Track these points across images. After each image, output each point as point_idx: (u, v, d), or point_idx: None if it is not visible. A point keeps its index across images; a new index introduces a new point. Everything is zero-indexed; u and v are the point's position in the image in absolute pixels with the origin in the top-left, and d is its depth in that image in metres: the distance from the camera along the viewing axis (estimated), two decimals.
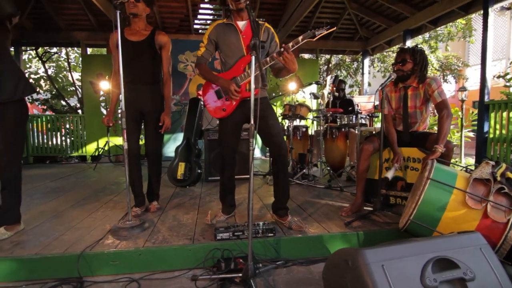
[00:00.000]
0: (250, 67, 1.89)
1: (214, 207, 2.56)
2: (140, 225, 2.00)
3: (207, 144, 3.69)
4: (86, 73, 5.87)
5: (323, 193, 3.04)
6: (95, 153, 5.89)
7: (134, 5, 2.14)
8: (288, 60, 1.79)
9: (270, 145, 2.01)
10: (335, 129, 3.68)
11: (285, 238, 1.84)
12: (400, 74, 2.17)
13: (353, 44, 6.86)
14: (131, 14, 2.18)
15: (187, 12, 5.65)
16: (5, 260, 1.62)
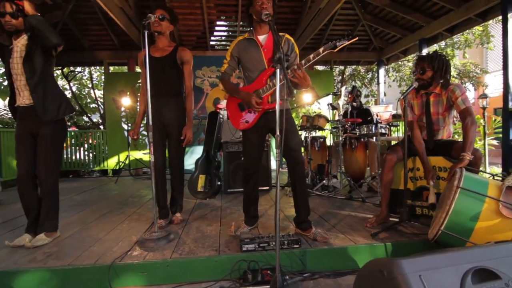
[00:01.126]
0: (272, 79, 1.97)
1: (236, 218, 2.57)
2: (166, 237, 2.03)
3: (226, 157, 3.73)
4: (108, 90, 6.13)
5: (345, 204, 3.00)
6: (116, 167, 6.05)
7: (158, 24, 2.27)
8: (300, 78, 1.83)
9: (287, 158, 2.02)
10: (354, 139, 3.65)
11: (311, 250, 1.82)
12: (421, 82, 2.16)
13: (368, 55, 6.86)
14: (156, 31, 2.31)
15: (204, 30, 5.85)
16: (39, 271, 1.68)
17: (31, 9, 1.87)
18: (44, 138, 2.00)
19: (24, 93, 2.00)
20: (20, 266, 1.72)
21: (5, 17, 1.87)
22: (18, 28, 1.93)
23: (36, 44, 1.95)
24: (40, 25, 1.87)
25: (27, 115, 2.01)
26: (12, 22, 1.89)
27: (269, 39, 2.04)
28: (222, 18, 5.90)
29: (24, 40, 1.99)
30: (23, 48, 1.97)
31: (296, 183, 2.00)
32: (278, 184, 1.52)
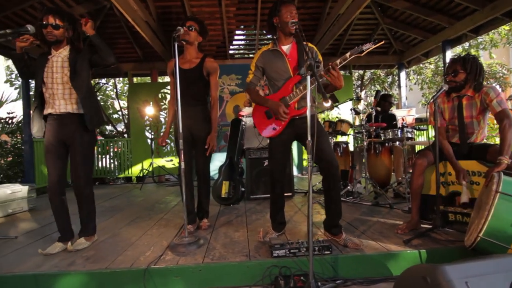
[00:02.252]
0: (298, 86, 1.99)
1: (262, 224, 2.57)
2: (196, 242, 2.07)
3: (248, 163, 3.77)
4: (132, 100, 6.36)
5: (372, 211, 2.94)
6: (140, 174, 6.24)
7: (187, 33, 2.35)
8: (335, 78, 1.83)
9: (320, 162, 2.02)
10: (378, 144, 3.59)
11: (342, 256, 1.80)
12: (453, 85, 2.11)
13: (388, 58, 6.76)
14: (184, 40, 2.38)
15: (223, 39, 5.99)
16: (79, 274, 1.75)
17: (91, 30, 1.98)
18: (81, 146, 2.07)
19: (61, 101, 2.05)
20: (60, 269, 1.80)
21: (47, 28, 1.97)
22: (58, 39, 2.02)
23: (84, 57, 2.06)
24: (101, 45, 2.01)
25: (61, 123, 2.06)
26: (54, 32, 1.98)
27: (293, 48, 2.07)
28: (241, 27, 6.01)
29: (66, 51, 2.08)
30: (65, 59, 2.06)
31: (330, 187, 1.98)
32: (311, 190, 1.51)
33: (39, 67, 2.06)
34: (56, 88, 2.04)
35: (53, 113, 2.06)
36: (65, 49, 2.09)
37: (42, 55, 2.11)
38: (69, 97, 2.06)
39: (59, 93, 2.05)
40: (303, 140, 2.10)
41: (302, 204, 3.35)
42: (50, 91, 2.05)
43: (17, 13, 4.48)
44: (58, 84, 2.05)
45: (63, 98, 2.05)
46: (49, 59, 2.07)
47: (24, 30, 1.83)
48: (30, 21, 4.72)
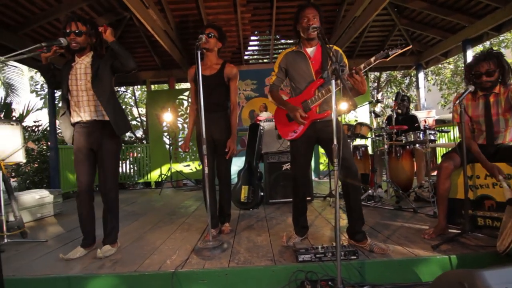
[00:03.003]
0: (320, 90, 1.99)
1: (284, 228, 2.58)
2: (220, 246, 2.09)
3: (267, 167, 3.78)
4: (151, 107, 6.52)
5: (394, 215, 2.88)
6: (159, 179, 6.36)
7: (207, 41, 2.38)
8: (358, 82, 1.81)
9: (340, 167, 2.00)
10: (399, 147, 3.53)
11: (369, 262, 1.78)
12: (489, 85, 2.05)
13: (405, 59, 6.64)
14: (204, 49, 2.42)
15: (239, 45, 6.07)
16: (109, 277, 1.81)
17: (111, 36, 2.01)
18: (109, 152, 2.11)
19: (85, 108, 2.06)
20: (91, 271, 1.86)
21: (70, 35, 2.00)
22: (81, 46, 2.04)
23: (105, 63, 2.08)
24: (121, 51, 2.02)
25: (88, 130, 2.09)
26: (77, 39, 2.00)
27: (317, 51, 2.07)
28: (256, 33, 6.08)
29: (89, 58, 2.10)
30: (88, 66, 2.07)
31: (350, 193, 1.97)
32: (337, 195, 1.51)
33: (64, 75, 2.09)
34: (81, 96, 2.07)
35: (79, 121, 2.10)
36: (88, 56, 2.12)
37: (67, 63, 2.14)
38: (94, 103, 2.07)
39: (84, 100, 2.07)
40: (324, 144, 2.10)
41: (322, 209, 3.32)
42: (75, 99, 2.08)
43: (43, 26, 4.70)
44: (83, 91, 2.07)
45: (88, 105, 2.07)
46: (73, 66, 2.10)
47: (58, 43, 1.91)
48: (55, 33, 4.94)
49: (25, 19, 4.44)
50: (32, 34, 4.73)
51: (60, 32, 2.04)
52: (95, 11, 4.82)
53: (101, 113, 2.10)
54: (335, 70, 1.49)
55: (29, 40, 4.74)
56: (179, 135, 6.53)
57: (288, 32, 5.86)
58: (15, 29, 4.46)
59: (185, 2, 4.86)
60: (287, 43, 6.70)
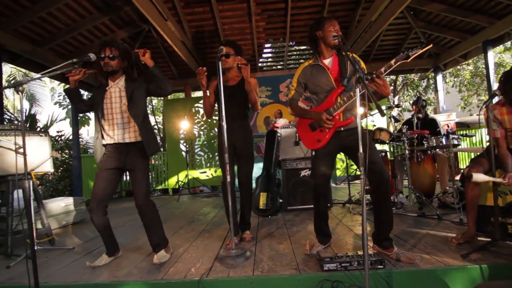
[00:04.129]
0: (342, 97, 2.00)
1: (305, 236, 2.56)
2: (243, 254, 2.10)
3: (284, 174, 3.78)
4: (168, 115, 6.66)
5: (418, 222, 2.81)
6: (176, 186, 6.46)
7: (225, 61, 2.46)
8: (380, 86, 1.80)
9: (371, 174, 1.97)
10: (420, 152, 3.45)
11: (397, 271, 1.74)
12: None
13: (422, 62, 6.54)
14: (225, 68, 2.49)
15: (253, 53, 6.14)
16: (137, 284, 1.84)
17: (150, 60, 2.08)
18: (142, 171, 2.15)
19: (119, 131, 2.12)
20: (119, 279, 1.91)
21: (104, 59, 2.10)
22: (114, 69, 2.14)
23: (140, 87, 2.15)
24: (160, 75, 2.08)
25: (120, 151, 2.14)
26: (110, 63, 2.09)
27: (334, 61, 2.08)
28: (270, 40, 6.13)
29: (122, 81, 2.17)
30: (122, 89, 2.14)
31: (381, 199, 1.93)
32: (364, 203, 1.49)
33: (99, 98, 2.15)
34: (116, 118, 2.12)
35: (111, 143, 2.14)
36: (121, 79, 2.18)
37: (100, 87, 2.21)
38: (128, 126, 2.13)
39: (118, 122, 2.12)
40: (350, 153, 2.10)
41: (342, 216, 3.28)
42: (110, 122, 2.13)
43: (68, 41, 4.92)
44: (117, 113, 2.12)
45: (122, 128, 2.12)
46: (107, 90, 2.16)
47: (87, 58, 2.00)
48: (78, 47, 5.17)
49: (50, 34, 4.66)
50: (56, 48, 4.95)
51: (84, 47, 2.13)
52: (115, 24, 5.01)
53: (133, 135, 2.15)
54: (359, 79, 1.49)
55: (54, 54, 4.97)
56: (196, 142, 6.63)
57: (303, 39, 5.89)
58: (40, 43, 4.68)
59: (201, 13, 4.98)
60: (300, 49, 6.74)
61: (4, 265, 2.31)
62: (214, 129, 6.64)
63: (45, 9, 4.04)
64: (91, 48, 5.19)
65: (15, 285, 1.96)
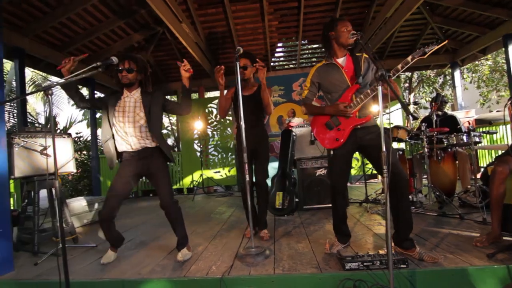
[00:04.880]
0: (357, 95, 1.99)
1: (323, 235, 2.56)
2: (263, 253, 2.12)
3: (300, 173, 3.77)
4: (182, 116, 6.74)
5: (439, 221, 2.76)
6: (190, 185, 6.54)
7: (243, 73, 2.57)
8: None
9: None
10: (440, 150, 3.38)
11: (421, 271, 1.72)
12: None
13: (439, 58, 6.39)
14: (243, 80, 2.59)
15: (266, 52, 6.14)
16: (161, 281, 1.89)
17: (187, 81, 2.18)
18: (164, 174, 2.24)
19: (133, 139, 2.17)
20: (143, 276, 1.96)
21: (123, 72, 2.18)
22: (131, 81, 2.20)
23: (157, 101, 2.23)
24: (188, 97, 2.23)
25: (139, 157, 2.19)
26: (128, 76, 2.17)
27: (348, 60, 2.10)
28: (283, 40, 6.12)
29: (137, 93, 2.24)
30: (138, 100, 2.21)
31: (399, 199, 1.91)
32: (388, 204, 1.48)
33: (111, 105, 2.21)
34: (129, 127, 2.17)
35: (128, 150, 2.20)
36: (137, 91, 2.26)
37: (113, 94, 2.29)
38: (140, 134, 2.18)
39: (130, 131, 2.17)
40: (367, 152, 2.08)
41: (360, 215, 3.25)
42: (122, 130, 2.18)
43: (85, 45, 5.06)
44: (130, 122, 2.17)
45: (135, 135, 2.18)
46: (121, 98, 2.23)
47: (110, 62, 2.06)
48: (95, 50, 5.30)
49: (69, 38, 4.80)
50: (75, 52, 5.09)
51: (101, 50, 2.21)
52: (131, 27, 5.11)
53: (149, 142, 2.21)
54: (382, 76, 1.48)
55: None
56: (209, 142, 6.70)
57: (316, 37, 5.86)
58: (60, 48, 4.83)
59: (214, 14, 5.02)
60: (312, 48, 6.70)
61: (32, 262, 2.41)
62: (227, 129, 6.68)
63: (65, 14, 4.17)
64: (108, 52, 5.32)
65: (44, 281, 2.03)
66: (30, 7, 3.91)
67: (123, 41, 5.32)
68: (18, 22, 4.06)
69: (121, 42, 5.32)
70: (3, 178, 2.30)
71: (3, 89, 2.35)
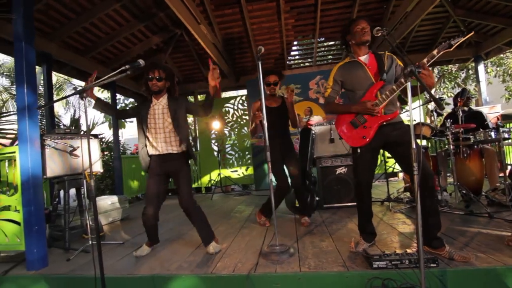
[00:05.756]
0: (382, 92, 1.97)
1: (346, 234, 2.54)
2: (287, 251, 2.13)
3: (320, 172, 3.75)
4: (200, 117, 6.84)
5: (466, 220, 2.68)
6: (208, 185, 6.62)
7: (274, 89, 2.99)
8: (426, 76, 1.78)
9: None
10: (466, 147, 3.28)
11: (452, 270, 1.68)
12: None
13: (462, 52, 6.17)
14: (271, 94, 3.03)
15: (282, 51, 6.13)
16: (189, 277, 1.94)
17: (214, 91, 2.30)
18: (185, 176, 2.39)
19: (162, 144, 2.33)
20: (171, 272, 2.02)
21: (153, 81, 2.32)
22: (160, 89, 2.34)
23: (181, 106, 2.37)
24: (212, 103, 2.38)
25: (164, 160, 2.35)
26: (157, 84, 2.32)
27: (371, 58, 2.11)
28: (299, 37, 6.09)
29: (165, 99, 2.38)
30: (165, 106, 2.35)
31: (426, 197, 1.88)
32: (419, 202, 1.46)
33: (143, 114, 2.37)
34: (159, 133, 2.34)
35: (157, 154, 2.36)
36: (164, 98, 2.40)
37: (143, 103, 2.44)
38: (169, 140, 2.34)
39: (161, 136, 2.34)
40: (393, 149, 2.05)
41: (383, 214, 3.21)
42: (154, 135, 2.35)
43: (107, 49, 5.22)
44: (160, 128, 2.34)
45: (164, 141, 2.34)
46: (151, 106, 2.38)
47: (137, 65, 2.12)
48: (116, 54, 5.46)
49: (92, 43, 4.96)
50: (97, 56, 5.27)
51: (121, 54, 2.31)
52: (150, 30, 5.23)
53: (175, 147, 2.37)
54: (411, 72, 1.46)
55: (95, 61, 5.28)
56: (226, 142, 6.76)
57: (333, 34, 5.79)
58: (83, 52, 5.00)
59: (230, 14, 5.06)
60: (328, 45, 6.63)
61: (63, 258, 2.52)
62: (244, 129, 6.72)
63: (88, 19, 4.31)
64: (128, 55, 5.47)
65: (79, 276, 2.13)
66: (56, 14, 4.08)
67: (142, 44, 5.45)
68: (45, 28, 4.23)
69: (140, 45, 5.45)
70: (38, 178, 2.42)
71: (36, 94, 2.47)
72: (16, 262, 2.47)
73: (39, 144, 2.48)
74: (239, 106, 6.80)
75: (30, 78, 2.42)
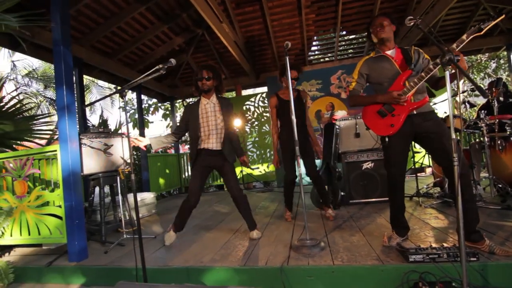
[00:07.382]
0: (410, 81, 1.94)
1: (375, 229, 2.52)
2: (318, 245, 2.14)
3: (345, 167, 3.71)
4: None
5: (504, 215, 2.58)
6: None
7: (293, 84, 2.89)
8: (461, 62, 1.74)
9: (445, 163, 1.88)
10: (501, 139, 3.13)
11: (492, 264, 1.64)
12: None
13: (492, 40, 5.87)
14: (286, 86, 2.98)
15: (302, 47, 6.09)
16: (223, 269, 1.99)
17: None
18: (232, 167, 2.62)
19: (213, 140, 2.52)
20: (205, 264, 2.08)
21: (202, 80, 2.47)
22: (209, 88, 2.50)
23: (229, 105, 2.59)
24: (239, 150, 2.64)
25: (211, 155, 2.53)
26: (207, 83, 2.48)
27: (397, 52, 2.10)
28: (320, 32, 6.02)
29: (214, 98, 2.56)
30: (216, 104, 2.54)
31: (463, 189, 1.83)
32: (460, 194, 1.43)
33: (195, 113, 2.54)
34: (211, 129, 2.51)
35: (206, 148, 2.53)
36: (214, 96, 2.57)
37: (192, 105, 2.61)
38: (217, 136, 2.52)
39: (213, 133, 2.51)
40: (425, 140, 2.01)
41: (413, 209, 3.14)
42: (206, 132, 2.52)
43: (133, 51, 5.40)
44: (212, 125, 2.51)
45: (216, 138, 2.53)
46: (203, 105, 2.55)
47: (169, 64, 2.20)
48: (141, 56, 5.63)
49: (119, 46, 5.15)
50: (123, 58, 5.46)
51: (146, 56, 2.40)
52: (173, 32, 5.35)
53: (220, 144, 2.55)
54: (450, 60, 1.43)
55: (121, 64, 5.48)
56: (248, 140, 6.81)
57: (355, 27, 5.68)
58: (110, 55, 5.20)
59: (251, 12, 5.08)
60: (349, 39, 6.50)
61: (101, 251, 2.66)
62: (264, 126, 6.74)
63: (116, 23, 4.48)
64: (152, 56, 5.63)
65: (119, 267, 2.24)
66: (86, 19, 4.26)
67: (165, 46, 5.59)
68: (76, 34, 4.44)
69: (164, 46, 5.59)
70: (77, 174, 2.57)
71: (74, 95, 2.61)
72: (58, 255, 2.63)
73: (78, 142, 2.63)
74: (259, 103, 6.82)
75: (68, 80, 2.56)
